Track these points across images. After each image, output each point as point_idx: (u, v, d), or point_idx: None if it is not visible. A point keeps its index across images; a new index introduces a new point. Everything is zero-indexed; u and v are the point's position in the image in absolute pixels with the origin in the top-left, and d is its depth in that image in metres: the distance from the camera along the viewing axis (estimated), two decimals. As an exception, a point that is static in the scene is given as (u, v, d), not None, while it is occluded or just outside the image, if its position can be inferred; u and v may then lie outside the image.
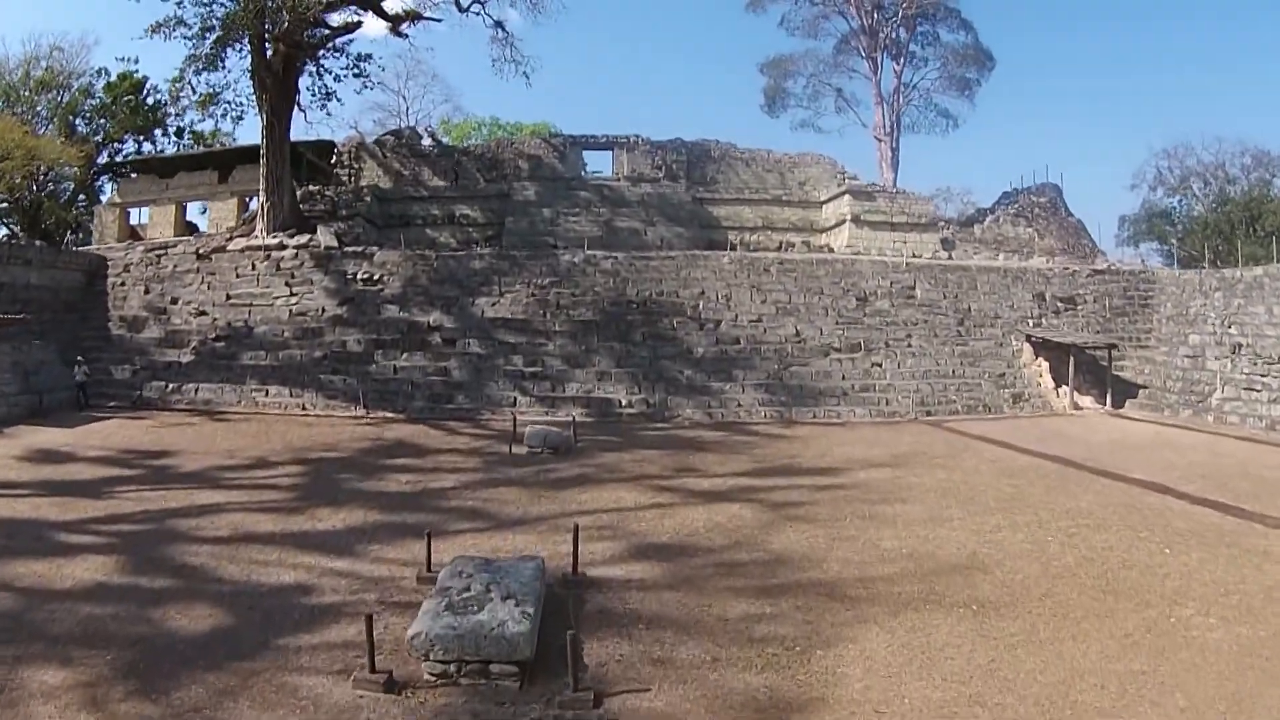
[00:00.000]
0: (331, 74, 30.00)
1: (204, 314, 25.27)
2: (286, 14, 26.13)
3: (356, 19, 30.52)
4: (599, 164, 37.58)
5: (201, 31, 27.93)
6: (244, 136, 41.44)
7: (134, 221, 39.35)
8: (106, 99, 47.75)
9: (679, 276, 26.72)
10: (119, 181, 41.10)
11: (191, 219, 39.70)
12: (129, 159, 45.59)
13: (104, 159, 48.02)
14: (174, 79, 30.33)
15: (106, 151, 48.73)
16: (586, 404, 21.62)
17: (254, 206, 31.88)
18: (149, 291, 26.93)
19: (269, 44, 27.60)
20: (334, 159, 36.37)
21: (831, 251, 33.38)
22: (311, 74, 29.57)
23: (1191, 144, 48.66)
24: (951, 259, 32.72)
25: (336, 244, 27.60)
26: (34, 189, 46.80)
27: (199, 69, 27.97)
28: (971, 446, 18.25)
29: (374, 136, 41.75)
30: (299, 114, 30.29)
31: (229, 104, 30.67)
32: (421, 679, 6.20)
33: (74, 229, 46.94)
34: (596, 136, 37.33)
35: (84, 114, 48.75)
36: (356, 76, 30.57)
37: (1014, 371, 25.97)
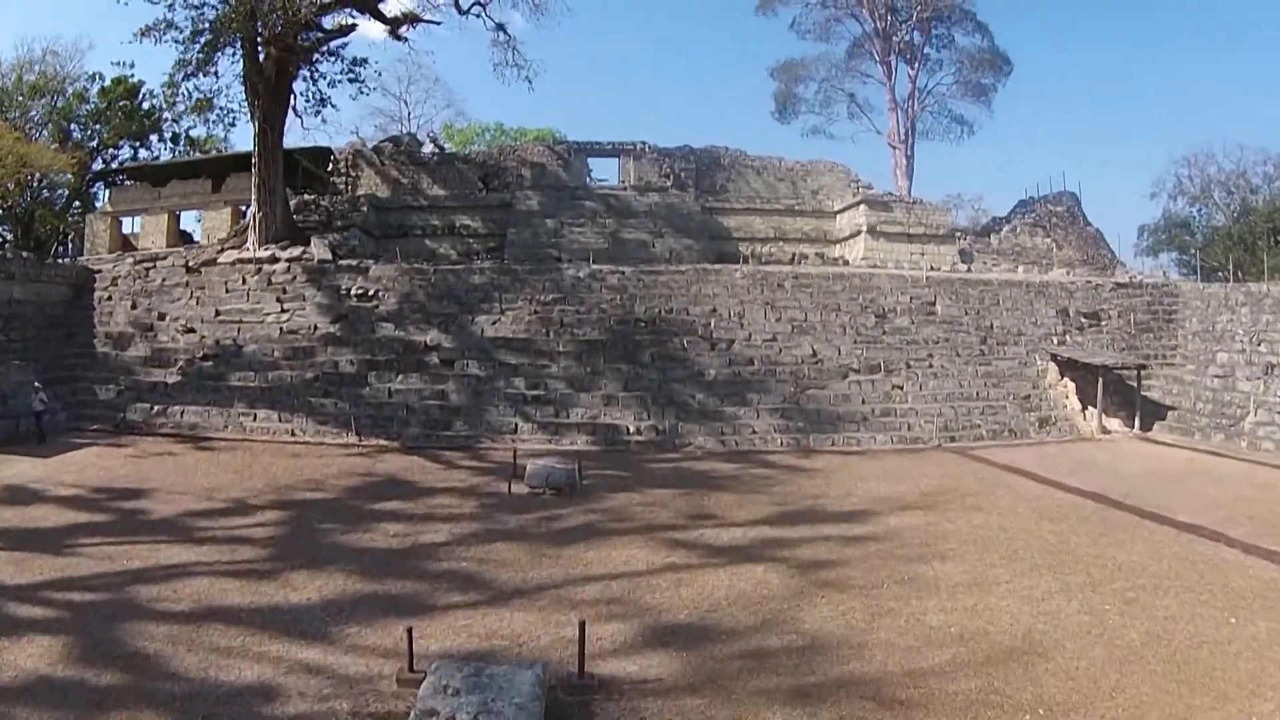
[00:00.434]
0: (326, 79, 28.88)
1: (192, 331, 24.17)
2: (280, 13, 25.02)
3: (351, 22, 29.43)
4: (604, 172, 36.51)
5: (192, 35, 26.91)
6: (239, 143, 40.48)
7: (128, 230, 38.36)
8: (101, 104, 46.77)
9: (689, 292, 25.52)
10: (111, 189, 40.04)
11: (189, 228, 38.72)
12: (125, 165, 44.60)
13: (99, 165, 47.06)
14: (165, 83, 29.33)
15: (101, 158, 47.76)
16: (592, 431, 20.44)
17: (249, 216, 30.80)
18: (136, 306, 25.85)
19: (261, 48, 26.54)
20: (330, 166, 35.28)
21: (846, 264, 32.19)
22: (305, 79, 28.45)
23: (1212, 151, 47.44)
24: (971, 272, 31.49)
25: (331, 257, 26.48)
26: (28, 197, 45.83)
27: (188, 74, 26.93)
28: (1003, 480, 17.09)
29: (375, 142, 40.74)
30: (296, 120, 29.29)
31: (221, 110, 29.66)
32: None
33: (68, 238, 45.98)
34: (602, 143, 36.23)
35: (79, 119, 47.80)
36: (352, 81, 29.45)
37: (1039, 393, 24.74)
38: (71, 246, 43.67)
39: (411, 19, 30.45)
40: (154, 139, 48.74)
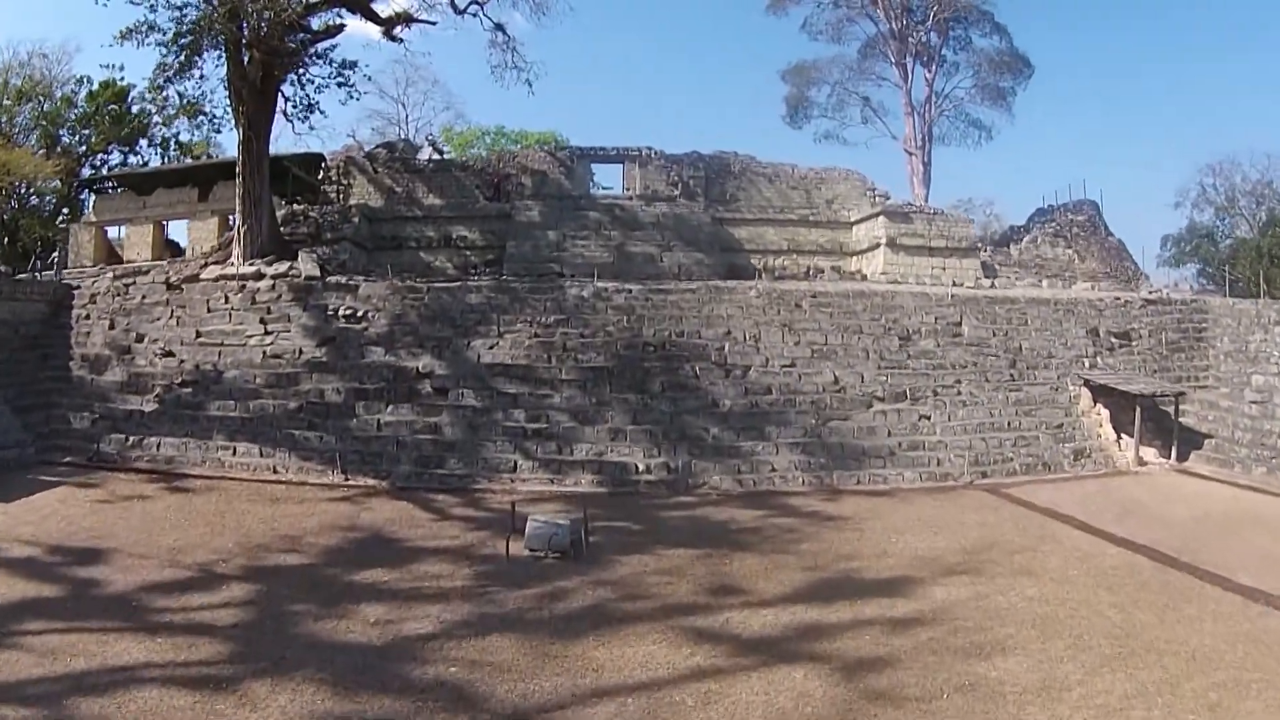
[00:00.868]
0: (314, 83, 27.29)
1: (170, 354, 22.66)
2: (264, 12, 23.46)
3: (340, 23, 27.90)
4: (608, 178, 35.07)
5: (175, 38, 25.39)
6: (228, 147, 38.86)
7: (115, 238, 36.83)
8: (89, 108, 45.32)
9: (701, 313, 23.95)
10: (95, 198, 38.52)
11: (177, 238, 37.09)
12: (111, 172, 43.12)
13: (88, 171, 45.61)
14: (150, 87, 27.87)
15: (90, 164, 46.32)
16: (598, 469, 18.90)
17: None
18: (114, 326, 24.36)
19: (245, 50, 25.01)
20: (321, 174, 33.75)
21: (864, 278, 30.64)
22: (293, 83, 26.87)
23: (1238, 160, 45.80)
24: (995, 287, 29.93)
25: (319, 273, 24.94)
26: (14, 205, 44.41)
27: (169, 78, 25.43)
28: (1048, 531, 15.67)
29: (373, 145, 39.26)
30: (288, 125, 27.77)
31: (205, 115, 28.22)
32: None
33: (56, 248, 44.57)
34: (606, 149, 34.72)
35: (67, 124, 46.35)
36: (341, 86, 27.83)
37: (1072, 421, 23.22)
38: (59, 257, 42.30)
39: (405, 19, 28.93)
40: (144, 144, 47.32)
